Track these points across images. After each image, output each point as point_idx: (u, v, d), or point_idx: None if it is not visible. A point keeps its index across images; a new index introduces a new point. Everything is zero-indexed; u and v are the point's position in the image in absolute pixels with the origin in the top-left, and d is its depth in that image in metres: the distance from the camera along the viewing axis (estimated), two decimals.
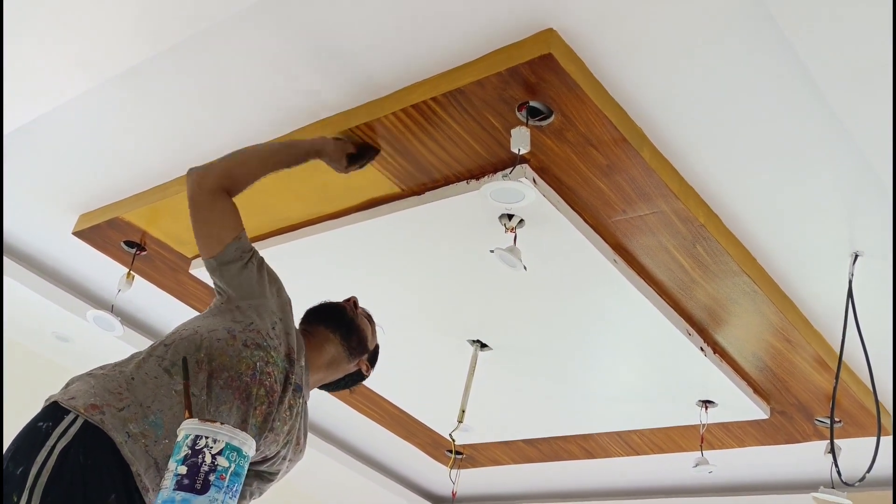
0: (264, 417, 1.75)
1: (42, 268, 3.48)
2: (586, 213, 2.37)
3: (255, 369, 1.75)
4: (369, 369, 2.12)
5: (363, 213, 2.57)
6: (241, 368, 1.74)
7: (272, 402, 1.77)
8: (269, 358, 1.79)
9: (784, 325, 2.62)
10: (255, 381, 1.74)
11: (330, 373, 2.03)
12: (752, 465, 3.47)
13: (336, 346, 2.02)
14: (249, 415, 1.73)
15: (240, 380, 1.73)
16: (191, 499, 1.26)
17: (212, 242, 1.92)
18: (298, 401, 1.87)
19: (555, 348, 2.95)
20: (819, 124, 2.01)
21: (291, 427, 1.85)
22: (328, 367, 2.01)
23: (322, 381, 2.04)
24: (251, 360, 1.76)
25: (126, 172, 2.83)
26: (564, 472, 3.96)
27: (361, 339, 2.07)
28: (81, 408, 1.62)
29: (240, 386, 1.73)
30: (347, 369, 2.07)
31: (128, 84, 2.43)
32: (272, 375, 1.78)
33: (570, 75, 1.95)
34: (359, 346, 2.06)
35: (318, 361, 1.99)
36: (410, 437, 3.89)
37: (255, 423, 1.74)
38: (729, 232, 2.40)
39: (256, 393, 1.74)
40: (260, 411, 1.75)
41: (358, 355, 2.06)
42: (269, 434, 1.78)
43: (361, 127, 2.26)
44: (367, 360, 2.11)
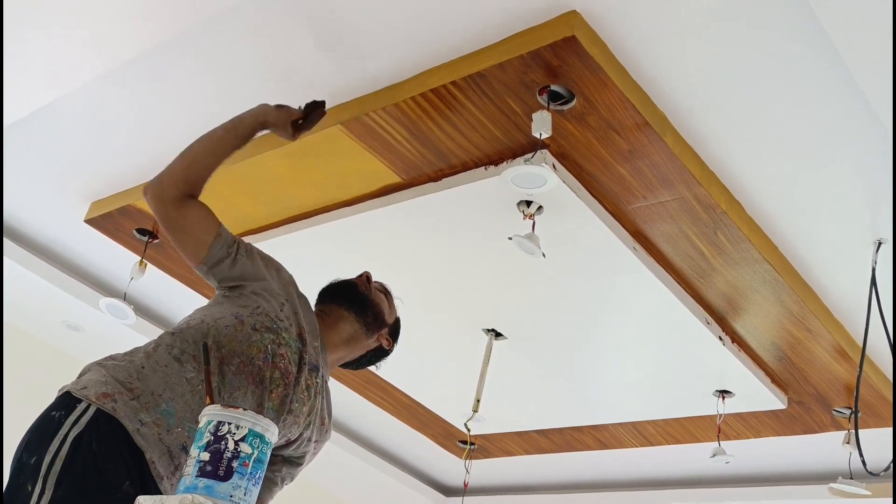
0: (281, 400, 1.73)
1: (53, 256, 3.46)
2: (606, 199, 2.34)
3: (267, 352, 1.73)
4: (391, 343, 2.09)
5: (379, 199, 2.54)
6: (252, 353, 1.72)
7: (287, 383, 1.75)
8: (281, 340, 1.77)
9: (804, 313, 2.58)
10: (267, 365, 1.72)
11: (349, 350, 2.01)
12: (769, 455, 3.44)
13: (351, 323, 1.99)
14: (265, 398, 1.71)
15: (252, 364, 1.71)
16: (214, 485, 1.24)
17: (194, 249, 1.87)
18: (316, 381, 1.85)
19: (570, 337, 2.92)
20: (845, 110, 1.98)
21: (311, 408, 1.83)
22: (346, 344, 1.99)
23: (343, 359, 2.02)
24: (262, 344, 1.73)
25: (138, 159, 2.80)
26: (578, 463, 3.94)
27: (377, 314, 2.03)
28: (93, 396, 1.61)
29: (252, 371, 1.70)
30: (368, 345, 2.04)
31: (139, 70, 2.41)
32: (286, 357, 1.76)
33: (594, 58, 1.91)
34: (375, 321, 2.03)
35: (334, 340, 1.97)
36: (423, 428, 3.87)
37: (271, 406, 1.72)
38: (750, 219, 2.37)
39: (270, 376, 1.72)
40: (276, 394, 1.72)
41: (376, 330, 2.03)
42: (289, 416, 1.76)
43: (378, 111, 2.23)
44: (387, 334, 2.08)
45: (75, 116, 2.67)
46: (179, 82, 2.43)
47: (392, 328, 2.10)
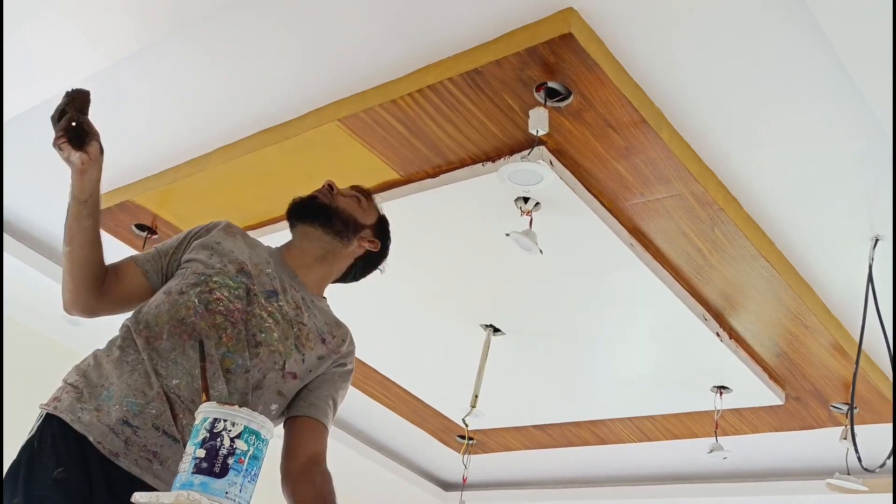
0: (236, 338, 1.65)
1: (50, 251, 3.46)
2: (603, 195, 2.35)
3: (197, 306, 1.67)
4: (377, 243, 1.95)
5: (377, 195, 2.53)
6: (181, 314, 1.67)
7: (235, 321, 1.67)
8: (212, 285, 1.70)
9: (801, 309, 2.59)
10: (201, 316, 1.66)
11: (329, 265, 1.89)
12: (767, 451, 3.45)
13: (319, 237, 1.87)
14: (214, 347, 1.63)
15: (183, 324, 1.65)
16: (209, 482, 1.24)
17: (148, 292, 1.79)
18: (279, 304, 1.74)
19: (568, 333, 2.93)
20: (841, 107, 1.98)
21: (285, 331, 1.72)
22: (322, 261, 1.87)
23: (327, 276, 1.90)
24: (189, 301, 1.67)
25: (136, 155, 2.80)
26: (576, 459, 3.95)
27: (346, 219, 1.89)
28: (45, 403, 1.66)
29: (185, 329, 1.65)
30: (350, 253, 1.91)
31: (138, 66, 2.41)
32: (223, 299, 1.68)
33: (590, 55, 1.91)
34: (346, 227, 1.89)
35: (304, 260, 1.86)
36: (422, 423, 3.88)
37: (230, 348, 1.64)
38: (747, 216, 2.37)
39: (212, 323, 1.65)
40: (228, 335, 1.65)
41: (351, 235, 1.89)
42: (262, 348, 1.67)
43: (376, 108, 2.23)
44: (370, 236, 1.94)
45: None
46: (177, 78, 2.44)
47: (376, 227, 1.96)
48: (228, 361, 1.64)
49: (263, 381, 1.67)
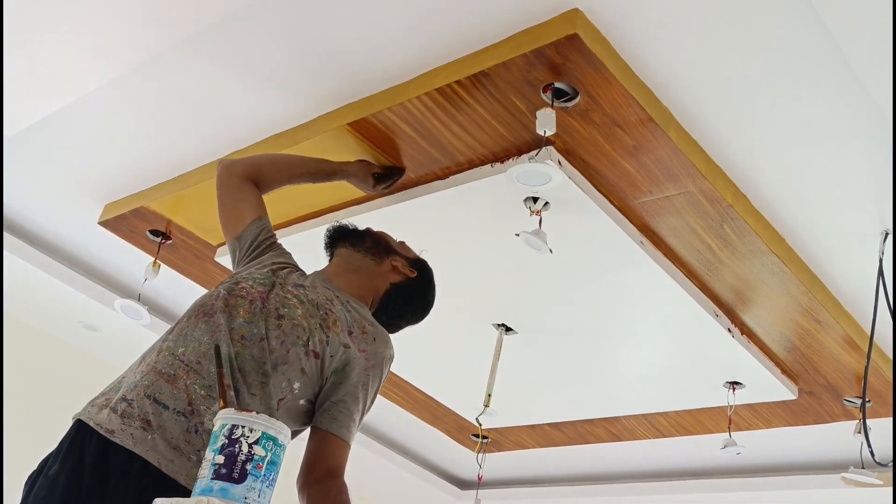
0: (252, 313, 1.71)
1: (69, 258, 3.51)
2: (612, 194, 2.36)
3: (219, 292, 1.76)
4: (410, 269, 2.03)
5: (388, 198, 2.56)
6: (206, 301, 1.76)
7: (253, 299, 1.73)
8: (240, 279, 1.81)
9: (813, 304, 2.59)
10: (219, 298, 1.73)
11: (363, 276, 1.97)
12: (780, 446, 3.45)
13: (351, 253, 2.01)
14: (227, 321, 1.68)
15: (203, 307, 1.74)
16: (229, 488, 1.27)
17: (235, 222, 2.00)
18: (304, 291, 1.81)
19: (580, 331, 2.94)
20: (849, 101, 1.99)
21: (310, 311, 1.76)
22: (357, 271, 1.98)
23: (363, 286, 1.96)
24: (216, 291, 1.78)
25: (150, 162, 2.84)
26: (590, 456, 3.96)
27: (378, 239, 2.05)
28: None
29: (203, 310, 1.73)
30: (382, 274, 2.00)
31: (150, 73, 2.44)
32: (246, 287, 1.77)
33: (596, 55, 1.93)
34: (377, 246, 2.02)
35: (340, 269, 1.98)
36: (436, 422, 3.90)
37: (245, 320, 1.69)
38: (757, 212, 2.38)
39: (226, 303, 1.72)
40: (244, 311, 1.70)
41: (382, 255, 2.01)
42: (283, 321, 1.71)
43: (385, 111, 2.25)
44: (407, 265, 2.04)
45: (88, 120, 2.70)
46: (189, 85, 2.46)
47: (413, 261, 2.07)
48: (244, 329, 1.68)
49: (287, 356, 1.68)
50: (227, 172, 2.06)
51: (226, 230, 2.03)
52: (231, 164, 2.09)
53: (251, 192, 2.05)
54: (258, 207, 2.04)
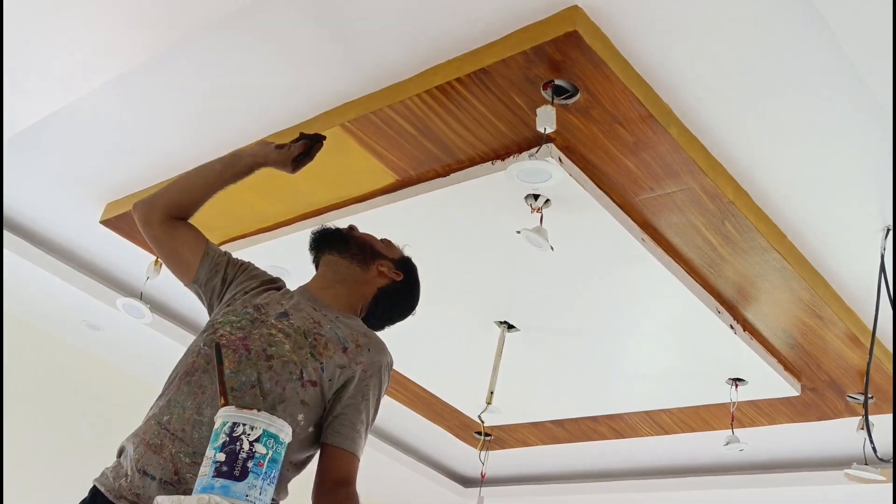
0: (239, 359, 1.68)
1: (71, 257, 3.51)
2: (613, 191, 2.36)
3: (199, 347, 1.74)
4: (399, 274, 1.97)
5: (388, 195, 2.57)
6: (187, 359, 1.75)
7: (236, 346, 1.70)
8: (217, 326, 1.76)
9: (815, 301, 2.59)
10: (199, 356, 1.72)
11: (350, 287, 1.92)
12: (783, 442, 3.45)
13: (337, 261, 1.94)
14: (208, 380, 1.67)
15: (186, 366, 1.73)
16: (230, 485, 1.27)
17: (185, 269, 1.93)
18: (289, 321, 1.77)
19: (582, 328, 2.94)
20: (850, 98, 1.98)
21: (298, 342, 1.73)
22: (343, 282, 1.91)
23: (351, 297, 1.91)
24: (195, 347, 1.76)
25: (151, 161, 2.84)
26: (593, 453, 3.96)
27: (362, 244, 1.97)
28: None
29: (185, 371, 1.71)
30: (370, 280, 1.94)
31: (151, 73, 2.44)
32: (225, 335, 1.73)
33: (596, 52, 1.92)
34: (361, 251, 1.95)
35: (325, 282, 1.92)
36: (439, 420, 3.90)
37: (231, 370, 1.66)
38: (758, 208, 2.37)
39: (208, 359, 1.70)
40: (229, 361, 1.68)
41: (367, 260, 1.94)
42: (274, 360, 1.69)
43: (385, 109, 2.25)
44: (393, 268, 1.97)
45: (89, 119, 2.71)
46: (189, 84, 2.46)
47: (398, 262, 2.00)
48: (232, 381, 1.65)
49: (285, 394, 1.66)
50: (147, 225, 1.94)
51: (178, 276, 1.95)
52: (147, 214, 1.94)
53: (180, 232, 1.94)
54: (196, 242, 1.94)
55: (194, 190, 1.98)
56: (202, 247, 1.93)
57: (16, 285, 3.63)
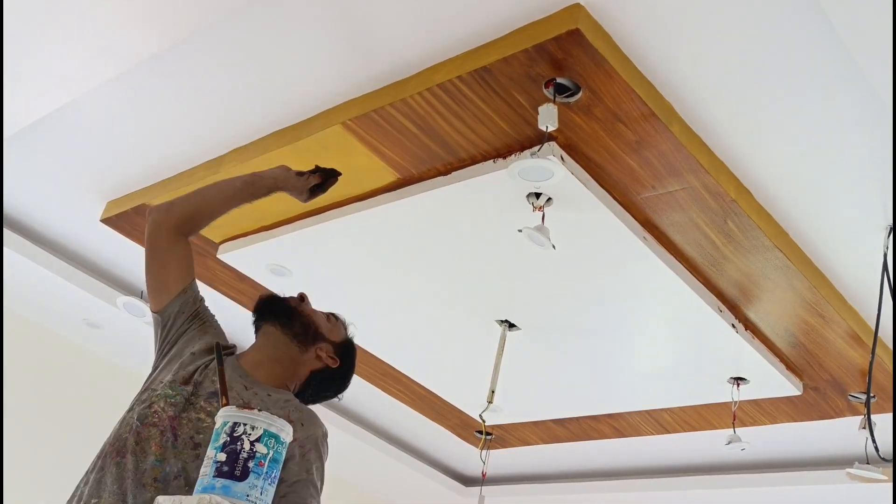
0: (163, 447, 1.66)
1: (72, 255, 3.51)
2: (615, 189, 2.35)
3: (134, 422, 1.70)
4: (335, 360, 1.93)
5: (389, 194, 2.56)
6: (121, 432, 1.71)
7: (164, 428, 1.68)
8: (153, 398, 1.74)
9: (817, 300, 2.58)
10: (132, 432, 1.69)
11: (284, 367, 1.88)
12: (785, 441, 3.44)
13: (277, 335, 1.89)
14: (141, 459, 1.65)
15: (118, 441, 1.69)
16: (231, 485, 1.26)
17: (161, 290, 1.90)
18: (216, 397, 1.74)
19: (584, 327, 2.94)
20: (852, 95, 1.98)
21: None
22: (278, 361, 1.87)
23: (283, 376, 1.88)
24: (130, 420, 1.72)
25: (152, 159, 2.83)
26: (594, 452, 3.95)
27: (307, 325, 1.91)
28: None
29: (116, 448, 1.68)
30: (306, 362, 1.90)
31: (152, 71, 2.43)
32: (158, 412, 1.71)
33: (598, 50, 1.92)
34: (304, 332, 1.90)
35: (260, 357, 1.87)
36: (440, 419, 3.90)
37: (157, 457, 1.64)
38: (760, 206, 2.37)
39: (138, 438, 1.67)
40: (155, 445, 1.66)
41: (308, 342, 1.90)
42: (200, 449, 1.65)
43: (387, 107, 2.25)
44: (331, 352, 1.93)
45: (90, 118, 2.70)
46: (191, 82, 2.46)
47: (339, 346, 1.96)
48: (156, 471, 1.63)
49: None
50: (157, 228, 1.93)
51: (151, 297, 1.93)
52: (162, 219, 1.94)
53: (179, 251, 1.93)
54: (186, 273, 1.93)
55: (213, 203, 2.00)
56: (187, 281, 1.92)
57: (16, 283, 3.63)
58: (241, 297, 3.31)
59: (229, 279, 3.22)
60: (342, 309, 3.12)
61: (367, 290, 3.02)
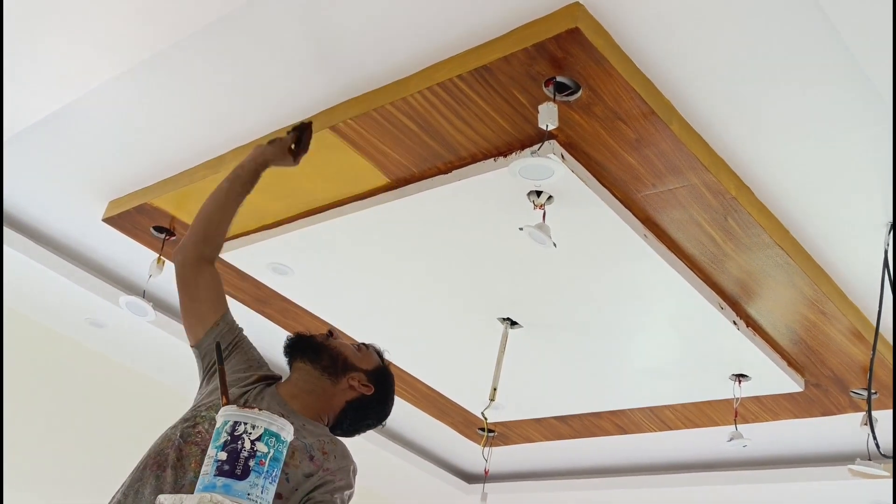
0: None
1: (74, 255, 3.51)
2: (615, 187, 2.35)
3: (176, 439, 1.74)
4: (369, 387, 1.95)
5: (391, 192, 2.56)
6: (163, 447, 1.74)
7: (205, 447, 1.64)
8: (198, 419, 1.77)
9: (818, 296, 2.58)
10: (173, 448, 1.72)
11: (318, 398, 1.91)
12: (787, 438, 3.44)
13: (308, 370, 1.93)
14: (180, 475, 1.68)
15: (160, 455, 1.72)
16: (232, 484, 1.27)
17: (196, 323, 1.94)
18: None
19: (585, 325, 2.94)
20: (852, 91, 1.98)
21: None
22: (311, 393, 1.90)
23: (319, 408, 1.91)
24: (172, 435, 1.75)
25: (153, 158, 2.84)
26: (596, 449, 3.96)
27: (335, 356, 1.94)
28: None
29: (157, 461, 1.71)
30: (340, 392, 1.93)
31: (153, 70, 2.44)
32: (202, 433, 1.74)
33: (598, 49, 1.92)
34: (333, 364, 1.93)
35: (295, 391, 1.90)
36: (442, 416, 3.90)
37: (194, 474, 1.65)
38: (761, 203, 2.37)
39: (179, 455, 1.71)
40: (195, 463, 1.69)
41: (339, 373, 1.93)
42: None
43: (387, 106, 2.25)
44: (364, 380, 1.95)
45: (92, 117, 2.71)
46: (193, 81, 2.46)
47: (372, 373, 1.97)
48: (194, 487, 1.60)
49: None
50: (182, 261, 1.98)
51: (188, 333, 1.97)
52: (181, 251, 1.99)
53: (208, 284, 1.97)
54: (217, 306, 1.96)
55: (215, 213, 2.04)
56: (220, 312, 1.96)
57: (19, 283, 3.64)
58: (244, 295, 3.32)
59: (231, 278, 3.23)
60: (343, 306, 3.16)
61: (367, 288, 3.02)
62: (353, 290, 3.04)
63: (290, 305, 3.28)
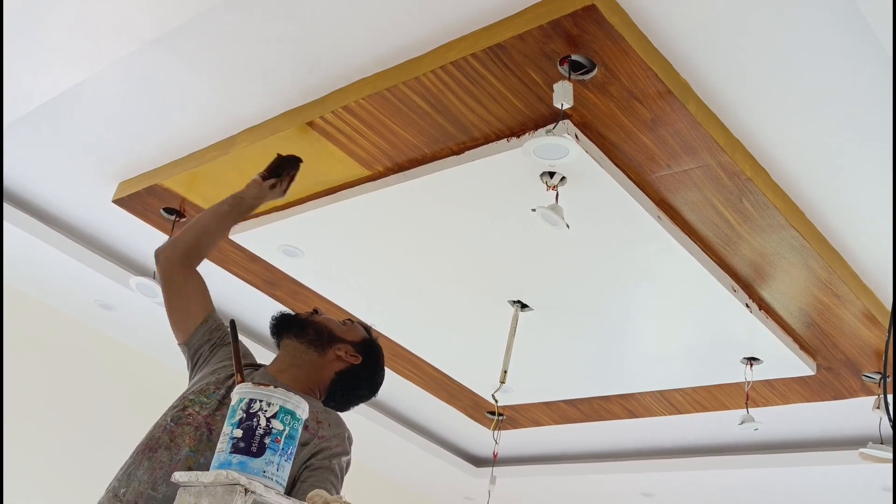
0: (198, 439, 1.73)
1: (83, 237, 3.51)
2: (629, 168, 2.33)
3: (166, 422, 1.77)
4: (354, 355, 1.97)
5: (403, 174, 2.55)
6: (153, 433, 1.77)
7: (199, 424, 1.75)
8: (187, 403, 1.81)
9: (832, 279, 2.57)
10: (165, 431, 1.75)
11: (307, 371, 1.93)
12: (799, 421, 3.43)
13: (295, 345, 1.96)
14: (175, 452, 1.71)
15: (151, 440, 1.75)
16: (247, 461, 1.26)
17: (183, 321, 1.99)
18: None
19: (596, 307, 2.93)
20: (871, 72, 1.95)
21: None
22: (300, 367, 1.93)
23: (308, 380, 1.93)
24: (163, 421, 1.79)
25: (163, 139, 2.83)
26: (606, 432, 3.96)
27: (320, 330, 1.97)
28: None
29: (150, 444, 1.74)
30: (328, 364, 1.95)
31: (162, 51, 2.42)
32: (192, 414, 1.78)
33: (614, 27, 1.90)
34: (319, 337, 1.96)
35: (283, 366, 1.94)
36: (451, 400, 3.90)
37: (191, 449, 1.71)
38: (776, 185, 2.35)
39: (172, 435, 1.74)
40: (190, 439, 1.73)
41: (325, 345, 1.95)
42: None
43: (399, 85, 2.23)
44: (350, 350, 1.97)
45: (102, 98, 2.69)
46: (202, 62, 2.44)
47: (359, 345, 1.99)
48: (190, 461, 1.69)
49: None
50: (168, 262, 2.01)
51: (175, 331, 2.01)
52: (170, 254, 2.03)
53: (194, 280, 2.02)
54: (204, 302, 2.02)
55: (210, 227, 2.10)
56: (208, 310, 2.00)
57: (28, 264, 3.64)
58: (254, 277, 3.31)
59: (241, 260, 3.22)
60: (353, 288, 3.15)
61: (378, 270, 3.01)
62: (364, 271, 3.03)
63: (299, 288, 3.27)
